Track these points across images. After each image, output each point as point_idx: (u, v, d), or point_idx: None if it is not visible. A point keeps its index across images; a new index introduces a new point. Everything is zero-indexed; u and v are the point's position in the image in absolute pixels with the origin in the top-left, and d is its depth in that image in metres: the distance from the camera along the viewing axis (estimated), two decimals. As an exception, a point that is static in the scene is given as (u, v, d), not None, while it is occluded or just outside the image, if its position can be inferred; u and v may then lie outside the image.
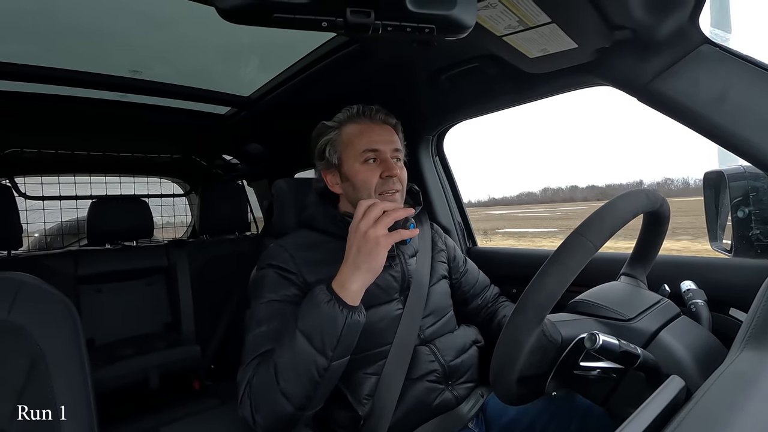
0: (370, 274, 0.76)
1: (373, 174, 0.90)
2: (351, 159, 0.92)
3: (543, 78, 0.94)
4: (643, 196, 0.64)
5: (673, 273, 0.84)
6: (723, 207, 0.94)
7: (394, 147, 0.93)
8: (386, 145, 0.92)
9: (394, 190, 0.91)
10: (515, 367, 0.56)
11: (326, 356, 0.72)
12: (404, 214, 0.78)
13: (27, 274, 0.65)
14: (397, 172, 0.90)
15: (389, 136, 0.94)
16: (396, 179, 0.91)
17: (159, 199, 2.57)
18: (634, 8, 0.66)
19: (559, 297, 0.54)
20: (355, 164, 0.91)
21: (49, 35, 1.08)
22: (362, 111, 0.94)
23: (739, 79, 0.71)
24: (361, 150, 0.91)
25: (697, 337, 0.64)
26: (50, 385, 0.60)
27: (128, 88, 1.38)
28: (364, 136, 0.92)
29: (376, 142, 0.91)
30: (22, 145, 1.94)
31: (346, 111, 0.96)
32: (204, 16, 0.94)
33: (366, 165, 0.91)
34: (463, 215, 1.52)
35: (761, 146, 0.68)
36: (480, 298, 1.14)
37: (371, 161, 0.91)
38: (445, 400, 0.90)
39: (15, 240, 1.62)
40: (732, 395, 0.40)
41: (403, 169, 0.95)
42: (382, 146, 0.91)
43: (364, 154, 0.91)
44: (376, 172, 0.90)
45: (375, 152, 0.91)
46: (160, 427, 1.51)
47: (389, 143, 0.92)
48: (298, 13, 0.37)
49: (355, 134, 0.93)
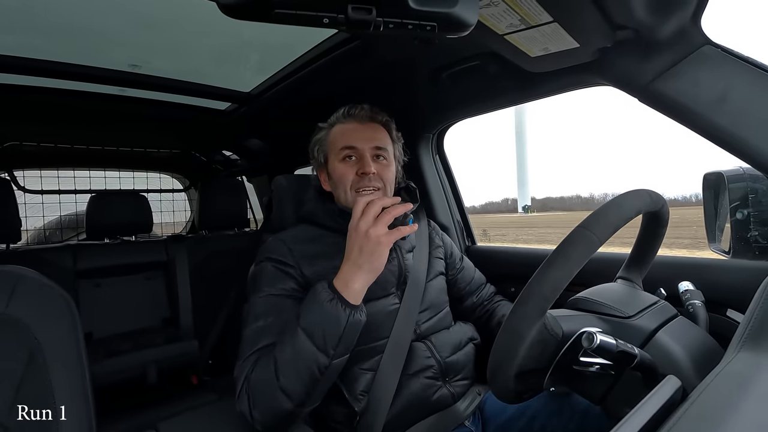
0: (372, 274, 0.77)
1: (350, 171, 0.92)
2: (333, 157, 0.95)
3: (544, 77, 0.94)
4: (647, 196, 0.64)
5: (672, 274, 0.84)
6: (722, 208, 0.94)
7: (374, 145, 0.94)
8: (364, 142, 0.93)
9: (371, 187, 0.92)
10: (515, 359, 0.55)
11: (327, 354, 0.72)
12: (403, 210, 0.79)
13: (25, 268, 0.65)
14: (370, 169, 0.91)
15: (371, 134, 0.95)
16: (374, 176, 0.92)
17: (158, 195, 2.56)
18: (637, 8, 0.66)
19: (563, 289, 0.54)
20: (335, 162, 0.95)
21: (48, 28, 1.08)
22: (348, 112, 0.97)
23: (740, 81, 0.71)
24: (340, 147, 0.94)
25: (694, 337, 0.64)
26: (48, 378, 0.60)
27: (128, 82, 1.38)
28: (345, 134, 0.95)
29: (354, 140, 0.93)
30: (21, 139, 1.93)
31: (336, 113, 0.99)
32: (205, 11, 0.94)
33: (344, 162, 0.94)
34: (462, 214, 1.52)
35: (761, 148, 0.68)
36: (475, 295, 1.15)
37: (348, 159, 0.94)
38: (441, 396, 0.91)
39: (14, 233, 1.62)
40: (728, 396, 0.40)
41: (388, 166, 0.96)
42: (360, 144, 0.93)
43: (342, 151, 0.94)
44: (353, 170, 0.92)
45: (352, 149, 0.93)
46: (158, 421, 1.51)
47: (368, 141, 0.94)
48: (299, 8, 0.37)
49: (338, 134, 0.96)
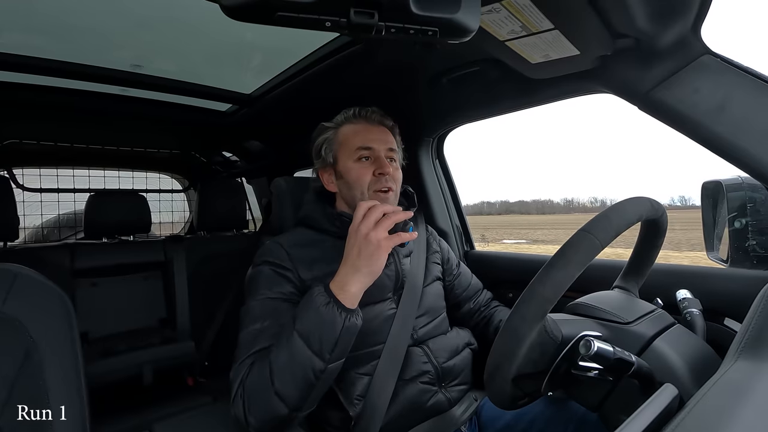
0: (369, 277, 0.77)
1: (367, 171, 0.92)
2: (345, 157, 0.94)
3: (544, 83, 0.94)
4: (648, 203, 0.65)
5: (670, 282, 0.84)
6: (720, 217, 0.94)
7: (389, 147, 0.95)
8: (380, 144, 0.94)
9: (387, 187, 0.92)
10: (514, 361, 0.55)
11: (323, 359, 0.72)
12: (404, 217, 0.79)
13: (22, 266, 0.65)
14: (389, 170, 0.91)
15: (384, 136, 0.96)
16: (389, 177, 0.92)
17: (157, 195, 2.56)
18: (637, 17, 0.66)
19: (564, 292, 0.54)
20: (349, 162, 0.93)
21: (51, 27, 1.08)
22: (359, 112, 0.97)
23: (739, 91, 0.71)
24: (355, 148, 0.93)
25: (691, 345, 0.64)
26: (43, 377, 0.59)
27: (129, 82, 1.38)
28: (359, 135, 0.94)
29: (370, 141, 0.93)
30: (21, 137, 1.93)
31: (344, 113, 0.99)
32: (208, 12, 0.94)
33: (359, 163, 0.93)
34: (461, 219, 1.52)
35: (760, 157, 0.68)
36: (473, 301, 1.15)
37: (365, 159, 0.93)
38: (437, 402, 0.90)
39: (11, 232, 1.62)
40: (725, 404, 0.40)
41: (398, 170, 0.96)
42: (376, 145, 0.93)
43: (357, 151, 0.93)
44: (370, 170, 0.92)
45: (369, 150, 0.93)
46: (153, 423, 1.50)
47: (383, 142, 0.94)
48: (302, 12, 0.37)
49: (350, 133, 0.95)
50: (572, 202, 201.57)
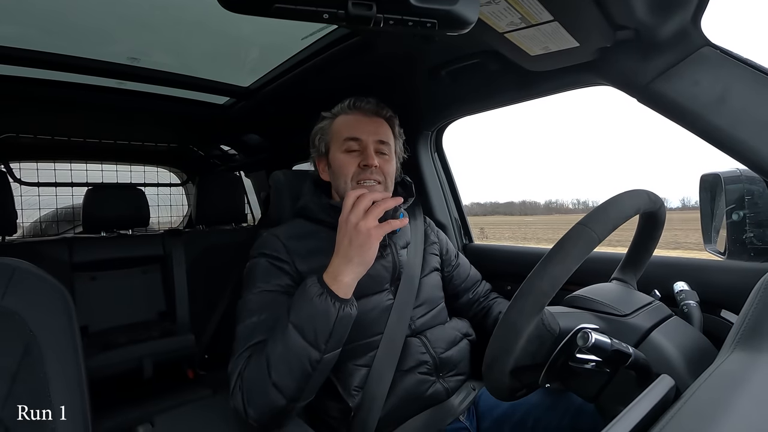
0: (362, 267, 0.77)
1: (352, 162, 0.92)
2: (335, 147, 0.95)
3: (543, 76, 0.94)
4: (645, 196, 0.65)
5: (667, 274, 0.85)
6: (718, 210, 0.94)
7: (378, 138, 0.94)
8: (369, 135, 0.93)
9: (372, 180, 0.91)
10: (512, 353, 0.56)
11: (319, 349, 0.72)
12: (393, 204, 0.79)
13: (21, 260, 0.65)
14: (374, 162, 0.91)
15: (375, 127, 0.95)
16: (375, 170, 0.91)
17: (155, 189, 2.55)
18: (637, 9, 0.66)
19: (562, 285, 0.54)
20: (337, 152, 0.94)
21: (47, 19, 1.07)
22: (354, 103, 0.97)
23: (739, 83, 0.71)
24: (343, 138, 0.93)
25: (688, 337, 0.64)
26: (43, 371, 0.60)
27: (126, 75, 1.37)
28: (349, 125, 0.95)
29: (359, 131, 0.93)
30: (17, 131, 1.92)
31: (341, 103, 0.99)
32: (205, 4, 0.93)
33: (346, 153, 0.93)
34: (460, 211, 1.52)
35: (758, 150, 0.68)
36: (471, 292, 1.16)
37: (351, 150, 0.93)
38: (435, 392, 0.91)
39: (9, 226, 1.61)
40: (721, 395, 0.41)
41: (389, 162, 0.96)
42: (364, 136, 0.93)
43: (345, 142, 0.93)
44: (355, 161, 0.92)
45: (356, 141, 0.93)
46: (153, 415, 1.51)
47: (373, 134, 0.94)
48: (300, 3, 0.37)
49: (342, 124, 0.96)
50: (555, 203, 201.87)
